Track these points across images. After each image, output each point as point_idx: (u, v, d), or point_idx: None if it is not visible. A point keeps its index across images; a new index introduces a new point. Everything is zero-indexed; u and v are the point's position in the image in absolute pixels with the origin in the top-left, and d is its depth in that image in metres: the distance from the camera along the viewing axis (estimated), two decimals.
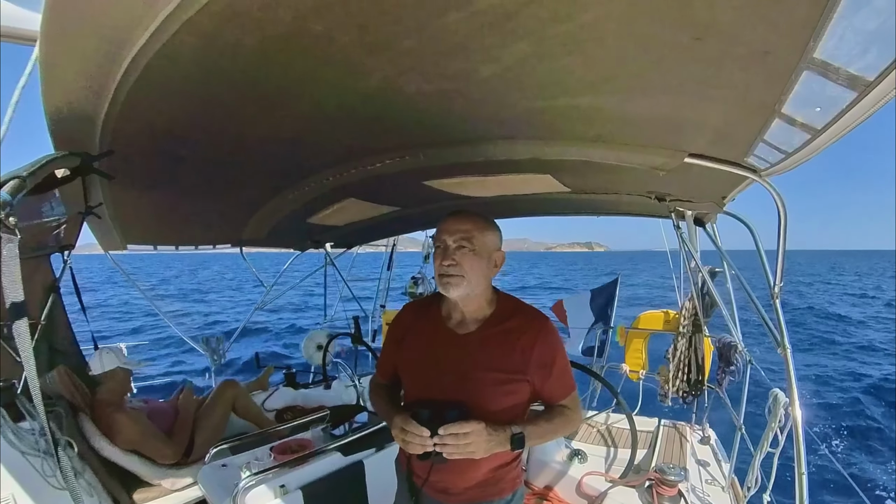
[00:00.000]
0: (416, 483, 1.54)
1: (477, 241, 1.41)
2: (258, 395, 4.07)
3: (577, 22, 0.92)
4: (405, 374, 1.58)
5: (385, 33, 1.01)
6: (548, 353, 1.44)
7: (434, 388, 1.44)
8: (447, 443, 1.28)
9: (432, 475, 1.46)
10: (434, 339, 1.51)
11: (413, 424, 1.31)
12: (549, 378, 1.44)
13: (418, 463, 1.49)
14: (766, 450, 2.19)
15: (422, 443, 1.30)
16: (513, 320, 1.46)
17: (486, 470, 1.47)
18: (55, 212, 2.26)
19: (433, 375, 1.47)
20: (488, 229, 1.46)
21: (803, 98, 1.06)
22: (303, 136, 1.74)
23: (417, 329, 1.58)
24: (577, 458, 3.01)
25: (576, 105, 1.38)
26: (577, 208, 3.28)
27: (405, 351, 1.58)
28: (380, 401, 1.64)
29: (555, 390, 1.48)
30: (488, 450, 1.31)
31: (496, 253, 1.48)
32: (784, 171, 1.53)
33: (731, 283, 3.08)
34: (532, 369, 1.42)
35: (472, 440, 1.28)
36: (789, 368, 1.95)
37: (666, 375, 3.72)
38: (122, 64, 1.14)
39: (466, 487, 1.48)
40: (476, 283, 1.42)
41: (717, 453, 3.19)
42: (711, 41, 0.92)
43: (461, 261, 1.39)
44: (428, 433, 1.29)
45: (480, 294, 1.46)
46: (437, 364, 1.47)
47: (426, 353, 1.52)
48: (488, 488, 1.49)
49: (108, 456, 2.62)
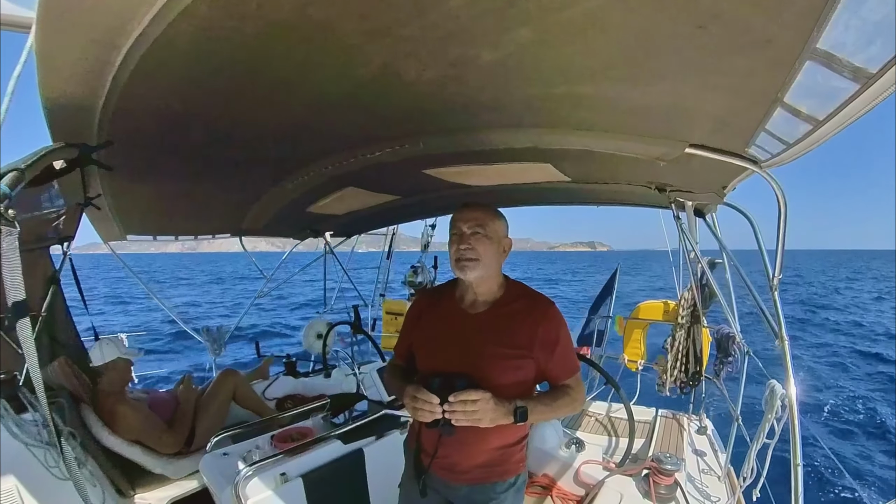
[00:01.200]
0: (424, 462, 1.60)
1: (489, 228, 1.53)
2: (259, 385, 4.08)
3: (579, 9, 0.91)
4: (419, 350, 1.67)
5: (385, 19, 1.00)
6: (552, 333, 1.51)
7: (445, 362, 1.52)
8: (456, 410, 1.34)
9: (440, 450, 1.54)
10: (447, 319, 1.62)
11: (424, 392, 1.39)
12: (552, 357, 1.51)
13: (427, 438, 1.59)
14: (763, 441, 2.20)
15: (431, 409, 1.37)
16: (520, 302, 1.56)
17: (491, 448, 1.53)
18: (54, 203, 2.25)
19: (444, 350, 1.56)
20: (498, 217, 1.58)
21: (806, 88, 1.05)
22: (302, 124, 1.73)
23: (432, 310, 1.68)
24: (574, 446, 3.03)
25: (577, 93, 1.38)
26: (578, 198, 3.27)
27: (420, 330, 1.69)
28: (394, 380, 1.72)
29: (558, 369, 1.54)
30: (493, 419, 1.37)
31: (505, 239, 1.60)
32: (785, 162, 1.52)
33: (729, 275, 3.09)
34: (537, 347, 1.49)
35: (479, 408, 1.35)
36: (787, 360, 1.95)
37: (664, 366, 3.74)
38: (119, 53, 1.12)
39: (472, 465, 1.54)
40: (489, 266, 1.53)
41: (714, 443, 3.21)
42: (714, 29, 0.91)
43: (476, 245, 1.50)
44: (437, 400, 1.36)
45: (492, 277, 1.57)
46: (448, 340, 1.57)
47: (439, 330, 1.62)
48: (493, 468, 1.55)
49: (110, 446, 2.63)
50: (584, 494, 2.74)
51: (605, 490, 2.60)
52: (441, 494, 1.63)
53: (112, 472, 2.59)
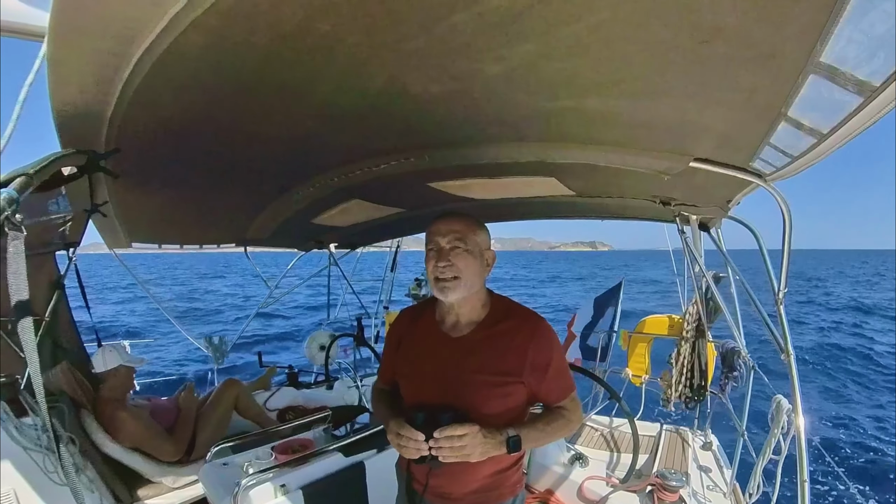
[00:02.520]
0: (417, 489, 1.52)
1: (470, 241, 1.41)
2: (260, 395, 4.07)
3: (583, 24, 0.91)
4: (402, 378, 1.57)
5: (391, 33, 1.01)
6: (543, 354, 1.42)
7: (429, 392, 1.44)
8: (442, 446, 1.27)
9: (431, 480, 1.45)
10: (428, 344, 1.51)
11: (407, 429, 1.30)
12: (544, 380, 1.43)
13: (417, 468, 1.50)
14: (769, 456, 2.18)
15: (417, 447, 1.29)
16: (506, 322, 1.45)
17: (484, 475, 1.45)
18: (61, 209, 2.27)
19: (428, 379, 1.46)
20: (479, 228, 1.46)
21: (809, 102, 1.06)
22: (308, 136, 1.75)
23: (412, 334, 1.57)
24: (578, 462, 2.99)
25: (581, 107, 1.38)
26: (582, 211, 3.27)
27: (401, 356, 1.58)
28: (380, 406, 1.63)
29: (552, 392, 1.46)
30: (484, 453, 1.30)
31: (487, 252, 1.47)
32: (789, 175, 1.52)
33: (735, 288, 3.07)
34: (527, 371, 1.40)
35: (466, 443, 1.27)
36: (793, 375, 1.93)
37: (669, 380, 3.71)
38: (129, 62, 1.14)
39: (465, 493, 1.47)
40: (472, 284, 1.41)
41: (719, 459, 3.17)
42: (718, 44, 0.92)
43: (455, 261, 1.38)
44: (423, 437, 1.28)
45: (475, 295, 1.46)
46: (431, 368, 1.46)
47: (421, 357, 1.51)
48: (488, 493, 1.48)
49: (109, 453, 2.63)
50: None
51: None
52: None
53: (111, 479, 2.58)
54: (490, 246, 1.49)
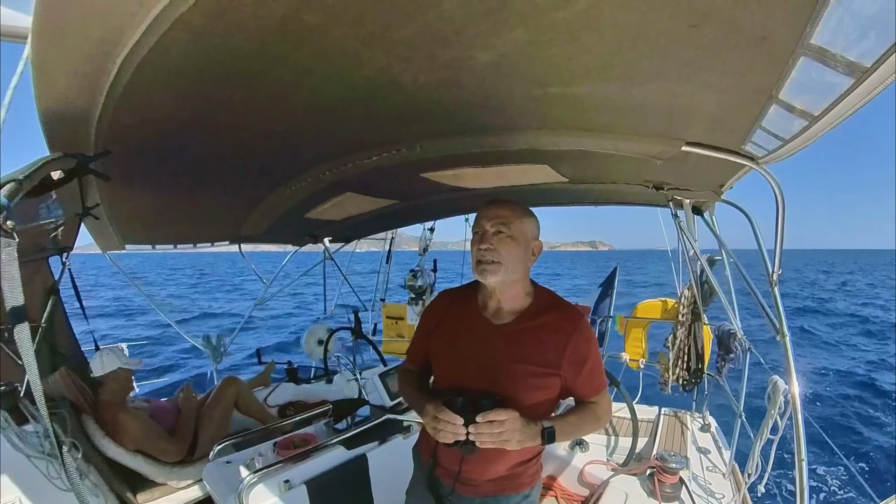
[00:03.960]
0: (439, 475, 1.53)
1: (514, 227, 1.41)
2: (260, 392, 4.07)
3: (573, 9, 0.91)
4: (437, 360, 1.57)
5: (379, 23, 1.00)
6: (582, 350, 1.43)
7: (466, 378, 1.43)
8: (482, 431, 1.26)
9: (463, 466, 1.45)
10: (469, 328, 1.50)
11: (447, 412, 1.29)
12: (580, 375, 1.44)
13: (447, 457, 1.50)
14: (766, 437, 2.20)
15: (455, 431, 1.28)
16: (549, 315, 1.45)
17: (510, 465, 1.48)
18: (52, 214, 2.24)
19: (466, 364, 1.46)
20: (526, 216, 1.46)
21: (801, 84, 1.06)
22: (299, 130, 1.74)
23: (452, 316, 1.56)
24: (578, 447, 3.02)
25: (572, 93, 1.38)
26: (576, 198, 3.28)
27: (438, 338, 1.56)
28: (409, 388, 1.63)
29: (586, 387, 1.47)
30: (521, 441, 1.30)
31: (534, 241, 1.47)
32: (782, 158, 1.53)
33: (729, 271, 3.09)
34: (565, 365, 1.41)
35: (506, 428, 1.27)
36: (788, 355, 1.95)
37: (666, 364, 3.74)
38: (115, 62, 1.13)
39: (487, 480, 1.48)
40: (513, 270, 1.41)
41: (718, 440, 3.20)
42: (708, 28, 0.92)
43: (498, 246, 1.38)
44: (461, 421, 1.27)
45: (517, 283, 1.45)
46: (470, 353, 1.46)
47: (460, 341, 1.50)
48: (507, 482, 1.50)
49: (112, 456, 2.62)
50: (589, 495, 2.74)
51: (610, 490, 2.59)
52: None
53: (114, 482, 2.58)
54: (538, 236, 1.49)
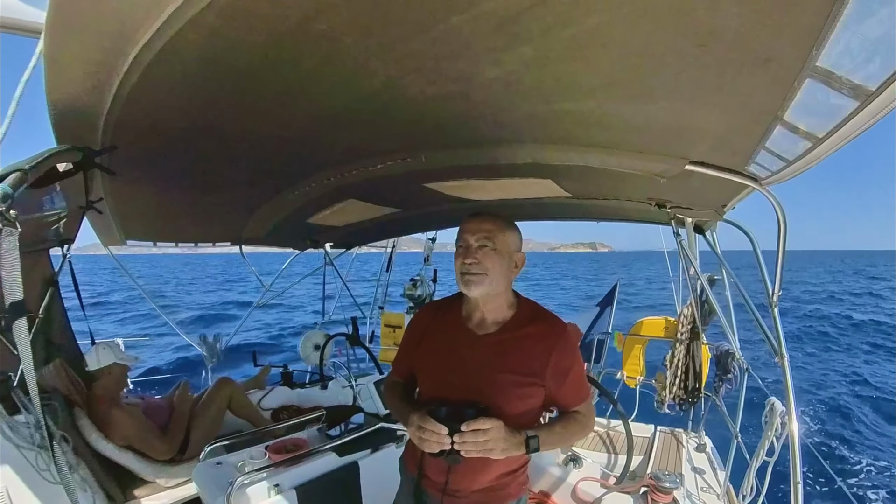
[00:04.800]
0: (425, 487, 1.53)
1: (498, 241, 1.42)
2: (254, 394, 4.06)
3: (580, 27, 0.92)
4: (421, 372, 1.58)
5: (389, 35, 1.01)
6: (566, 360, 1.44)
7: (450, 388, 1.44)
8: (467, 440, 1.27)
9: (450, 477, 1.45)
10: (453, 339, 1.51)
11: (431, 422, 1.31)
12: (564, 385, 1.44)
13: (433, 468, 1.50)
14: (762, 458, 2.19)
15: (439, 441, 1.29)
16: (532, 325, 1.46)
17: (496, 475, 1.47)
18: (56, 206, 2.25)
19: (450, 375, 1.47)
20: (509, 229, 1.47)
21: (805, 106, 1.06)
22: (305, 135, 1.75)
23: (436, 328, 1.57)
24: (572, 463, 3.00)
25: (578, 110, 1.39)
26: (578, 213, 3.28)
27: (423, 349, 1.58)
28: (394, 398, 1.63)
29: (570, 397, 1.48)
30: (505, 450, 1.31)
31: (517, 254, 1.48)
32: (785, 179, 1.53)
33: (729, 291, 3.08)
34: (549, 375, 1.42)
35: (491, 437, 1.28)
36: (787, 377, 1.94)
37: (663, 382, 3.72)
38: (126, 59, 1.14)
39: (474, 490, 1.48)
40: (497, 283, 1.42)
41: (713, 461, 3.18)
42: (714, 48, 0.92)
43: (483, 259, 1.40)
44: (446, 430, 1.29)
45: (501, 295, 1.47)
46: (454, 363, 1.47)
47: (444, 352, 1.52)
48: (496, 493, 1.50)
49: (102, 451, 2.61)
50: None
51: None
52: None
53: (104, 477, 2.57)
54: (521, 248, 1.50)
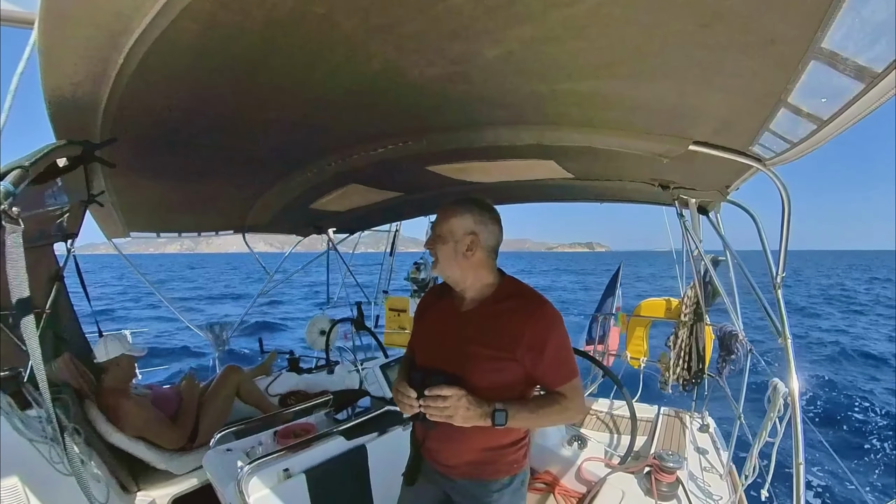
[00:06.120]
0: (425, 456, 1.66)
1: (443, 228, 1.51)
2: (262, 381, 4.09)
3: (581, 6, 0.90)
4: (416, 347, 1.71)
5: (388, 16, 1.00)
6: (539, 336, 1.42)
7: (432, 360, 1.55)
8: (429, 405, 1.38)
9: (426, 442, 1.62)
10: (441, 316, 1.63)
11: (404, 385, 1.46)
12: (541, 361, 1.43)
13: (419, 429, 1.67)
14: (765, 439, 2.20)
15: (410, 403, 1.43)
16: (509, 301, 1.50)
17: (478, 448, 1.52)
18: (58, 201, 2.25)
19: (433, 348, 1.60)
20: (453, 216, 1.50)
21: (810, 88, 1.05)
22: (305, 121, 1.73)
23: (434, 307, 1.69)
24: (577, 443, 3.03)
25: (579, 90, 1.37)
26: (581, 195, 3.27)
27: (419, 327, 1.73)
28: (401, 371, 1.75)
29: (548, 376, 1.47)
30: (466, 418, 1.37)
31: (464, 237, 1.48)
32: (789, 160, 1.52)
33: (733, 272, 3.08)
34: (522, 351, 1.42)
35: (450, 404, 1.36)
36: (789, 358, 1.95)
37: (667, 363, 3.74)
38: (122, 50, 1.12)
39: (460, 462, 1.56)
40: (446, 267, 1.52)
41: (716, 441, 3.21)
42: (718, 28, 0.91)
43: (432, 248, 1.53)
44: (415, 394, 1.42)
45: (473, 275, 1.53)
46: (438, 338, 1.60)
47: (434, 328, 1.65)
48: (483, 467, 1.54)
49: (114, 442, 2.65)
50: (586, 492, 2.75)
51: (607, 487, 2.60)
52: (439, 486, 1.65)
53: (116, 468, 2.61)
54: (471, 230, 1.48)
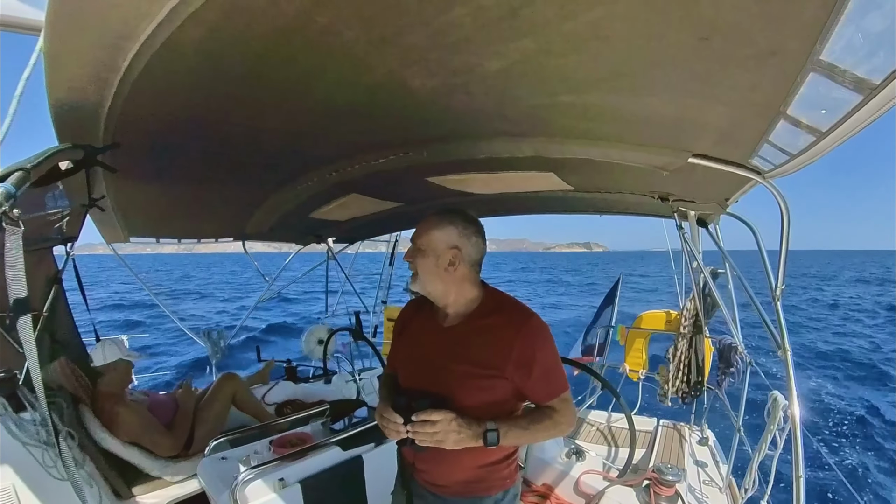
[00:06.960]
0: (414, 475, 1.58)
1: (423, 240, 1.46)
2: (258, 389, 4.07)
3: (582, 19, 0.91)
4: (398, 364, 1.63)
5: (390, 27, 1.00)
6: (527, 351, 1.38)
7: (416, 379, 1.50)
8: (418, 430, 1.33)
9: (417, 463, 1.55)
10: (423, 333, 1.57)
11: (389, 411, 1.38)
12: (530, 377, 1.39)
13: (407, 451, 1.59)
14: (765, 452, 2.19)
15: (396, 429, 1.36)
16: (495, 316, 1.44)
17: (470, 466, 1.46)
18: (58, 204, 2.25)
19: (416, 366, 1.53)
20: (435, 228, 1.44)
21: (809, 100, 1.06)
22: (307, 129, 1.74)
23: (413, 323, 1.63)
24: (575, 456, 3.01)
25: (580, 103, 1.38)
26: (581, 206, 3.27)
27: (400, 343, 1.66)
28: (383, 390, 1.69)
29: (538, 391, 1.43)
30: (458, 441, 1.32)
31: (447, 251, 1.43)
32: (788, 173, 1.53)
33: (732, 284, 3.08)
34: (511, 368, 1.37)
35: (440, 429, 1.31)
36: (789, 371, 1.94)
37: (666, 376, 3.72)
38: (126, 56, 1.13)
39: (451, 482, 1.50)
40: (427, 281, 1.47)
41: (716, 454, 3.19)
42: (717, 41, 0.92)
43: (412, 260, 1.48)
44: (401, 420, 1.35)
45: (455, 289, 1.47)
46: (420, 355, 1.53)
47: (414, 345, 1.58)
48: (474, 485, 1.49)
49: (108, 447, 2.63)
50: None
51: (605, 500, 2.58)
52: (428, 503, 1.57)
53: (109, 473, 2.59)
54: (454, 244, 1.43)
